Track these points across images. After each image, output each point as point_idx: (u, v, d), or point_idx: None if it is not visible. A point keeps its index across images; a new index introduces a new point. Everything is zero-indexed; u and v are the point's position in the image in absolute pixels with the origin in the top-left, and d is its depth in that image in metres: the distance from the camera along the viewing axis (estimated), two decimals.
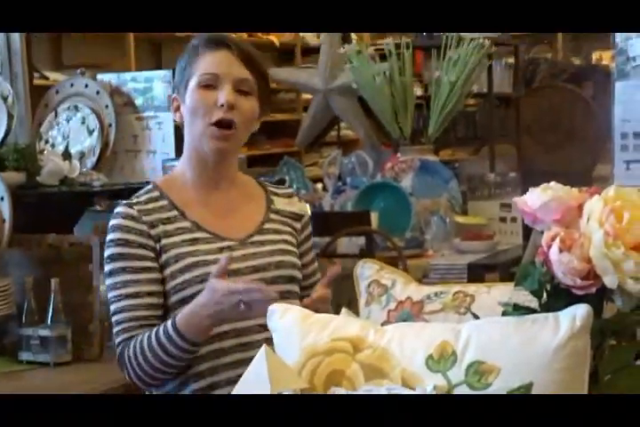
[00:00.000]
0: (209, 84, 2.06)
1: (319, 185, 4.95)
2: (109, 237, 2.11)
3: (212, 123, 2.05)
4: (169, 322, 2.00)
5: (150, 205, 2.12)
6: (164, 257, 2.07)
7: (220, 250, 2.08)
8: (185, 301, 2.03)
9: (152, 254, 2.08)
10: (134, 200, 2.13)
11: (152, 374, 2.04)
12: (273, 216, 2.18)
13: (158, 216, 2.10)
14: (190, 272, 2.04)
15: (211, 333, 2.00)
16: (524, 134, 5.91)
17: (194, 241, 2.08)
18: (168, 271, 2.06)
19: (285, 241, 2.16)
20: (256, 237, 2.13)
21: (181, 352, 1.99)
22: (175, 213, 2.11)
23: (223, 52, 2.08)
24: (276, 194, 2.24)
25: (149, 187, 2.19)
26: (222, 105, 2.03)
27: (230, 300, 1.89)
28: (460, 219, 4.52)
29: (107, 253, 2.11)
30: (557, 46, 8.07)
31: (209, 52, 2.08)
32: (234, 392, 1.38)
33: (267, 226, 2.16)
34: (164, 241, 2.07)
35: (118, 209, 2.12)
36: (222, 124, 2.05)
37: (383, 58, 4.77)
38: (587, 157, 5.79)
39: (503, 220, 4.61)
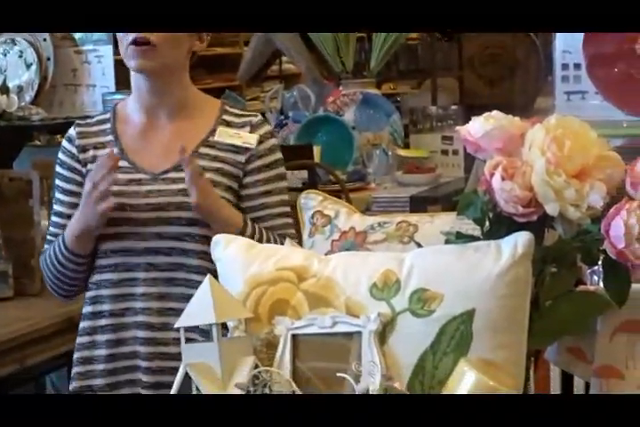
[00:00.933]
0: None
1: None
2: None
3: (129, 43, 2.01)
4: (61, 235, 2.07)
5: (94, 128, 2.13)
6: (84, 182, 2.07)
7: (129, 182, 2.04)
8: None
9: (78, 178, 2.09)
10: (86, 120, 2.16)
11: (59, 284, 2.12)
12: (203, 150, 2.07)
13: (95, 140, 2.10)
14: None
15: (89, 243, 2.03)
16: (466, 68, 5.92)
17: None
18: None
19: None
20: (171, 174, 2.05)
21: (68, 262, 2.05)
22: (111, 138, 2.10)
23: None
24: (229, 123, 2.11)
25: (111, 107, 2.22)
26: None
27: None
28: (402, 152, 4.53)
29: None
30: None
31: None
32: (178, 323, 1.37)
33: None
34: (89, 166, 2.08)
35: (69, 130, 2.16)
36: (138, 43, 2.01)
37: None
38: (529, 90, 5.81)
39: (445, 152, 4.62)
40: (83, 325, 2.10)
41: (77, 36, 3.70)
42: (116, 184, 2.02)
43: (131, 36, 2.00)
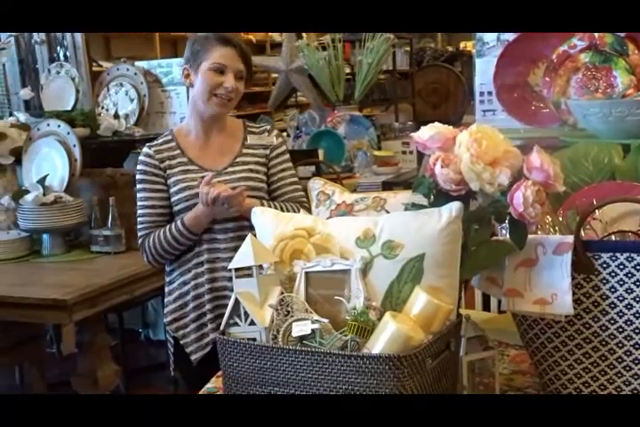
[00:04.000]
0: (219, 70, 2.02)
1: (285, 133, 4.88)
2: (137, 167, 2.11)
3: (215, 94, 2.03)
4: (178, 222, 2.05)
5: (164, 146, 2.11)
6: (168, 181, 2.08)
7: (203, 177, 2.03)
8: (180, 211, 2.07)
9: (162, 180, 2.08)
10: (154, 142, 2.14)
11: (163, 255, 2.08)
12: (245, 151, 2.12)
13: (167, 154, 2.09)
14: (182, 192, 2.06)
15: (204, 227, 2.03)
16: (416, 97, 5.87)
17: (187, 171, 2.07)
18: (171, 191, 2.07)
19: (250, 170, 2.10)
20: (229, 169, 2.09)
21: (186, 239, 2.04)
22: (178, 151, 2.10)
23: (230, 49, 2.03)
24: (253, 133, 2.16)
25: (167, 132, 2.19)
26: (227, 87, 2.02)
27: (217, 204, 1.96)
28: (377, 153, 4.50)
29: (136, 178, 2.11)
30: (438, 39, 7.97)
31: (220, 46, 2.03)
32: (231, 265, 1.35)
33: (238, 159, 2.11)
34: (168, 171, 2.07)
35: (143, 149, 2.13)
36: (224, 98, 2.04)
37: (324, 48, 4.68)
38: (458, 110, 5.78)
39: (404, 153, 4.60)
40: (193, 271, 2.08)
41: (163, 80, 3.67)
42: (193, 180, 2.03)
43: (219, 91, 2.02)
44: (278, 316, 1.28)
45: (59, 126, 3.19)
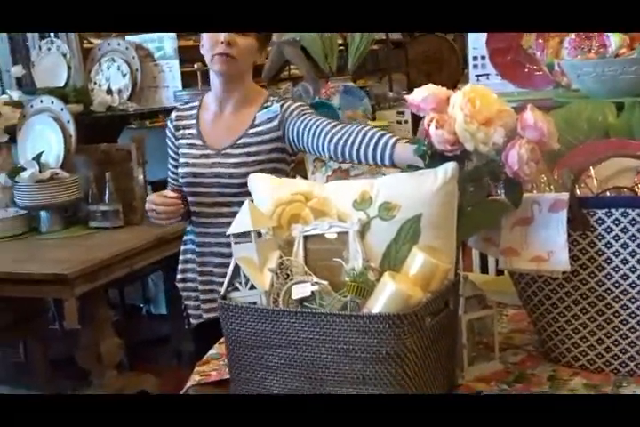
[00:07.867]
0: None
1: None
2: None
3: (214, 54, 1.92)
4: None
5: (187, 112, 2.08)
6: (179, 151, 2.06)
7: (200, 156, 2.01)
8: (181, 185, 2.06)
9: (174, 148, 2.07)
10: (182, 105, 2.11)
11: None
12: (250, 131, 1.99)
13: (185, 122, 2.06)
14: (182, 167, 2.03)
15: None
16: (410, 66, 5.84)
17: (191, 145, 2.04)
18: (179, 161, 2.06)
19: (247, 153, 1.97)
20: (228, 150, 1.99)
21: None
22: (194, 121, 2.07)
23: None
24: (265, 107, 2.01)
25: (200, 97, 2.10)
26: (222, 42, 1.90)
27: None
28: (371, 123, 4.48)
29: None
30: None
31: None
32: (229, 230, 1.35)
33: (240, 141, 1.98)
34: (179, 141, 2.06)
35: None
36: (223, 55, 1.91)
37: None
38: (452, 79, 5.74)
39: (399, 122, 4.57)
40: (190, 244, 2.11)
41: (155, 54, 3.64)
42: (192, 157, 2.01)
43: (217, 50, 1.90)
44: (278, 279, 1.29)
45: (52, 103, 3.18)
